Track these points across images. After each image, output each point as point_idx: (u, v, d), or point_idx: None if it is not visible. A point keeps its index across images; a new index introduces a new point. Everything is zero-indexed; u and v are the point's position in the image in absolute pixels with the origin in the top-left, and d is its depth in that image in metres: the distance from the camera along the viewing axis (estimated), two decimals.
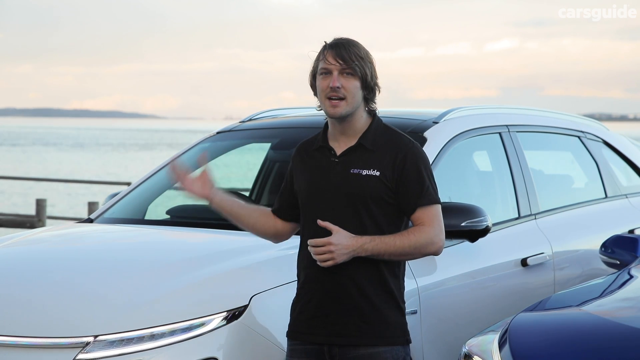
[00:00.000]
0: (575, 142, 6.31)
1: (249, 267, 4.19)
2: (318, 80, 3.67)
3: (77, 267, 4.32)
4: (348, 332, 3.61)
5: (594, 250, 5.54)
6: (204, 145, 5.73)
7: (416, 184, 3.62)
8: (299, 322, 3.70)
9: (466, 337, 4.10)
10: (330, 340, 3.63)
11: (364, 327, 3.61)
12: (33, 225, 14.25)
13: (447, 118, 5.22)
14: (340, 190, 3.64)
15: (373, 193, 3.61)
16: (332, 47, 3.65)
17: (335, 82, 3.61)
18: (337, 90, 3.61)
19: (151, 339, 3.82)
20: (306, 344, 3.67)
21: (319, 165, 3.71)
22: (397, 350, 3.65)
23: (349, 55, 3.62)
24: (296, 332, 3.71)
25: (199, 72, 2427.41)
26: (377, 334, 3.62)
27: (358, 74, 3.62)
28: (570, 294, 4.24)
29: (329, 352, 3.64)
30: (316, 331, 3.65)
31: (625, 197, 6.32)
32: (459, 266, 4.77)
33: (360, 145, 3.67)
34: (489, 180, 5.65)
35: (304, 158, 3.78)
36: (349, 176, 3.64)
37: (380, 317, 3.62)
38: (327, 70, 3.63)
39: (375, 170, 3.63)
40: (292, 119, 5.69)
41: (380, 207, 3.63)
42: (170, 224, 5.17)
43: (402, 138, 3.70)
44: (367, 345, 3.61)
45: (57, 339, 3.85)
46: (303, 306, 3.69)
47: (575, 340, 3.54)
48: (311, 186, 3.70)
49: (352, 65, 3.61)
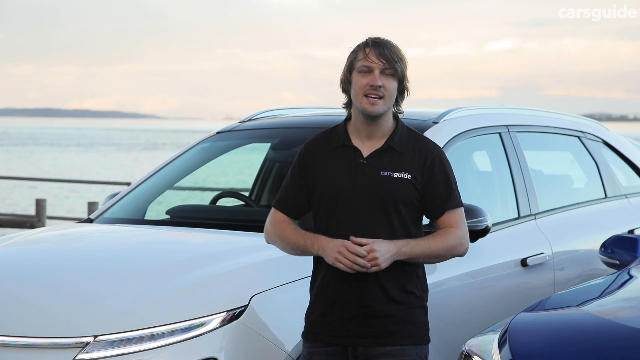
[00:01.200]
0: (575, 142, 6.31)
1: (249, 267, 4.18)
2: (356, 77, 3.63)
3: (77, 267, 4.32)
4: (375, 333, 3.62)
5: (593, 251, 5.54)
6: (204, 145, 5.73)
7: (444, 188, 3.66)
8: (320, 324, 3.67)
9: (466, 337, 4.10)
10: (357, 342, 3.62)
11: (392, 327, 3.62)
12: (33, 225, 14.25)
13: (447, 118, 5.22)
14: (370, 193, 3.61)
15: (404, 196, 3.61)
16: (375, 46, 3.62)
17: (377, 81, 3.59)
18: (377, 89, 3.59)
19: (151, 339, 3.82)
20: (328, 345, 3.66)
21: (344, 165, 3.66)
22: (420, 348, 3.68)
23: (392, 55, 3.61)
24: (317, 334, 3.68)
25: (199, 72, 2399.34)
26: (404, 333, 3.63)
27: (398, 75, 3.63)
28: (570, 294, 4.24)
29: (354, 352, 3.63)
30: (342, 333, 3.63)
31: (625, 197, 6.32)
32: (459, 266, 4.77)
33: (390, 147, 3.66)
34: (488, 180, 5.65)
35: (323, 156, 3.71)
36: (379, 178, 3.62)
37: (406, 317, 3.64)
38: (369, 68, 3.61)
39: (406, 173, 3.63)
40: (292, 119, 5.69)
41: (409, 209, 3.64)
42: (170, 224, 5.17)
43: (428, 141, 3.73)
44: (393, 344, 3.62)
45: (57, 339, 3.85)
46: (326, 308, 3.66)
47: (575, 340, 3.54)
48: (337, 187, 3.64)
49: (395, 65, 3.61)
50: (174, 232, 4.98)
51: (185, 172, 5.66)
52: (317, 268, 3.71)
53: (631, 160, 6.60)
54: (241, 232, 4.77)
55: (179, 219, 5.24)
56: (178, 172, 5.66)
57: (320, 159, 3.71)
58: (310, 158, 3.73)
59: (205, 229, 4.95)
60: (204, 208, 5.81)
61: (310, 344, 3.70)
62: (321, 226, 3.67)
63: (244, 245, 4.45)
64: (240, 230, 4.80)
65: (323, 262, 3.66)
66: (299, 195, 3.73)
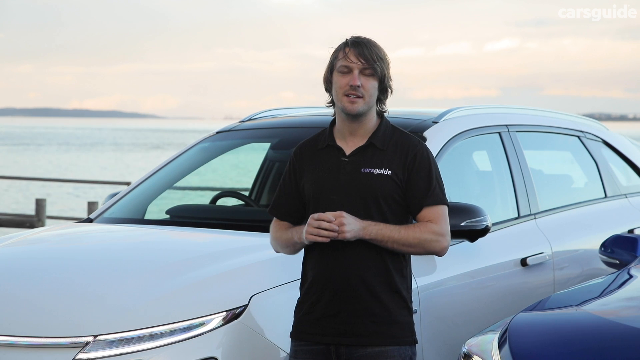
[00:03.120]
0: (575, 142, 6.31)
1: (249, 267, 4.18)
2: (336, 76, 3.66)
3: (76, 267, 4.32)
4: (357, 331, 3.62)
5: (593, 250, 5.54)
6: (204, 145, 5.73)
7: (424, 184, 3.65)
8: (305, 322, 3.70)
9: (466, 336, 4.10)
10: (339, 341, 3.63)
11: (373, 326, 3.62)
12: (33, 225, 14.25)
13: (447, 118, 5.22)
14: (351, 189, 3.64)
15: (384, 192, 3.63)
16: (354, 46, 3.64)
17: (356, 81, 3.61)
18: (356, 89, 3.61)
19: (151, 338, 3.82)
20: (312, 344, 3.67)
21: (327, 165, 3.71)
22: (404, 349, 3.67)
23: (371, 55, 3.62)
24: (302, 333, 3.70)
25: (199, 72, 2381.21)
26: (386, 333, 3.63)
27: (378, 74, 3.63)
28: (570, 294, 4.24)
29: (336, 351, 3.64)
30: (324, 331, 3.65)
31: (624, 197, 6.32)
32: (459, 266, 4.77)
33: (371, 144, 3.68)
34: (488, 180, 5.65)
35: (310, 158, 3.76)
36: (359, 175, 3.65)
37: (389, 317, 3.64)
38: (349, 68, 3.63)
39: (386, 169, 3.64)
40: (292, 119, 5.69)
41: (390, 206, 3.64)
42: (170, 224, 5.17)
43: (411, 138, 3.73)
44: (374, 345, 3.62)
45: (56, 339, 3.85)
46: (310, 307, 3.68)
47: (575, 340, 3.54)
48: (320, 185, 3.69)
49: (374, 65, 3.62)
50: (174, 232, 4.98)
51: (185, 172, 5.67)
52: (306, 267, 3.74)
53: (631, 160, 6.60)
54: (241, 231, 4.77)
55: (179, 218, 5.24)
56: (178, 172, 5.66)
57: (308, 161, 3.76)
58: (298, 162, 3.79)
59: (205, 229, 4.95)
60: (204, 208, 5.80)
61: (296, 343, 3.73)
62: None
63: (244, 245, 4.45)
64: (240, 230, 4.81)
65: (311, 261, 3.69)
66: (291, 200, 3.79)
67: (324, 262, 3.64)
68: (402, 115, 5.25)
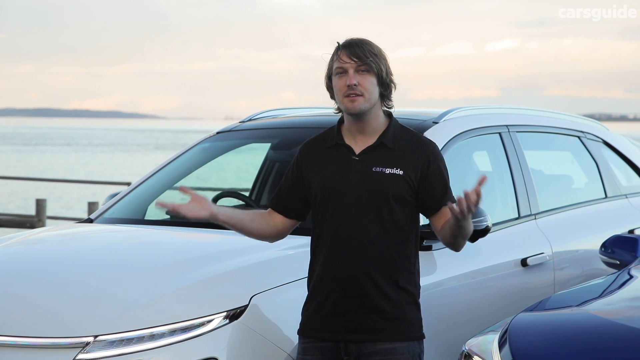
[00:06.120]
0: (575, 142, 6.31)
1: (249, 267, 4.18)
2: (334, 80, 3.69)
3: (77, 267, 4.32)
4: (366, 328, 3.64)
5: (593, 251, 5.54)
6: (204, 145, 5.73)
7: (440, 184, 3.72)
8: (314, 319, 3.70)
9: (466, 336, 4.10)
10: (348, 337, 3.64)
11: (382, 323, 3.64)
12: (33, 225, 14.25)
13: (447, 118, 5.22)
14: (362, 189, 3.65)
15: (396, 191, 3.64)
16: (346, 47, 3.67)
17: (352, 80, 3.63)
18: (354, 88, 3.63)
19: (151, 339, 3.82)
20: (321, 341, 3.68)
21: (337, 163, 3.71)
22: (413, 345, 3.69)
23: (363, 52, 3.65)
24: (311, 330, 3.71)
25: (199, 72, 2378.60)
26: (395, 330, 3.65)
27: (374, 70, 3.65)
28: (570, 294, 4.24)
29: (345, 348, 3.65)
30: (333, 328, 3.66)
31: (625, 197, 6.32)
32: (459, 266, 4.77)
33: (382, 144, 3.70)
34: (488, 180, 5.65)
35: (317, 156, 3.77)
36: (371, 174, 3.66)
37: (398, 313, 3.66)
38: (343, 69, 3.65)
39: (398, 169, 3.66)
40: (292, 119, 5.69)
41: (401, 206, 3.66)
42: (170, 224, 5.17)
43: (422, 138, 3.76)
44: (384, 341, 3.64)
45: (57, 339, 3.85)
46: (319, 304, 3.69)
47: (575, 340, 3.54)
48: (330, 184, 3.69)
49: (367, 61, 3.64)
50: (174, 232, 4.98)
51: (185, 172, 5.67)
52: (313, 264, 3.75)
53: (631, 160, 6.60)
54: None
55: (179, 219, 5.23)
56: (178, 172, 5.66)
57: (315, 158, 3.76)
58: (304, 159, 3.80)
59: (205, 229, 4.94)
60: None
61: (305, 340, 3.73)
62: (317, 223, 3.73)
63: (244, 245, 4.45)
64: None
65: (318, 258, 3.70)
66: (291, 194, 3.81)
67: (332, 259, 3.65)
68: (402, 116, 5.24)
